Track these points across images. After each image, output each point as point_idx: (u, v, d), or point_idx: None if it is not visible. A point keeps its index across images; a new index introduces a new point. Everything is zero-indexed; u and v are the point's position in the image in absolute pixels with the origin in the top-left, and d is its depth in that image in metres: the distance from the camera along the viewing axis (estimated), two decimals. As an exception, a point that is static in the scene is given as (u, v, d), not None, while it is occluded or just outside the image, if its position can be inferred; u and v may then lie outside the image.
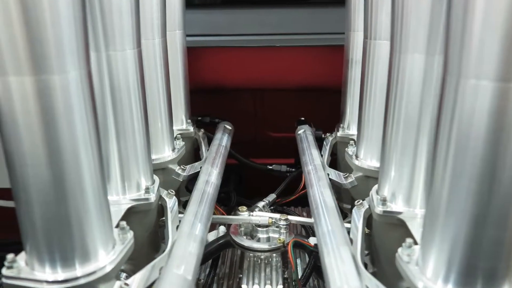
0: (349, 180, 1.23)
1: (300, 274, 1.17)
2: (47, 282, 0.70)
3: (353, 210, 1.01)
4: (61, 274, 0.70)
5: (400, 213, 0.92)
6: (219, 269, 1.30)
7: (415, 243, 0.76)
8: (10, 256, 0.70)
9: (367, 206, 1.01)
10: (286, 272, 1.20)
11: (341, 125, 1.53)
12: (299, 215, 1.41)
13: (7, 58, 0.59)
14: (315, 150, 1.41)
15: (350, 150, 1.31)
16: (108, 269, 0.73)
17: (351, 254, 0.81)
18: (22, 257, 0.73)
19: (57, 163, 0.66)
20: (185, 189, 1.41)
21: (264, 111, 2.08)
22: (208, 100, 1.95)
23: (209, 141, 1.64)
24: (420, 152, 0.89)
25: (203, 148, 1.58)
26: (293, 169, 1.76)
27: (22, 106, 0.62)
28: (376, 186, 1.01)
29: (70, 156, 0.67)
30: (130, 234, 0.81)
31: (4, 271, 0.70)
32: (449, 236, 0.64)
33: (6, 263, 0.70)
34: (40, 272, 0.71)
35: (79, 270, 0.71)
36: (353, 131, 1.50)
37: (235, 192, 1.72)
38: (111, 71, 0.93)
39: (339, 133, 1.51)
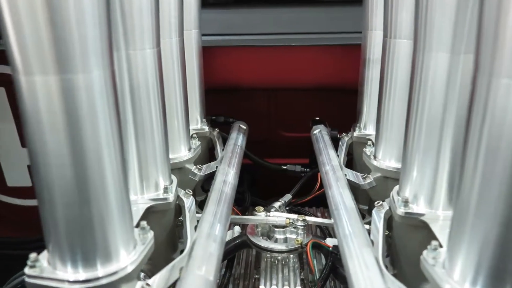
0: (368, 180, 1.22)
1: (316, 275, 1.16)
2: (69, 281, 0.69)
3: (373, 212, 0.99)
4: (83, 274, 0.70)
5: (422, 214, 0.90)
6: (234, 269, 1.29)
7: (440, 245, 0.74)
8: (33, 255, 0.70)
9: (388, 207, 0.99)
10: (302, 273, 1.19)
11: (358, 125, 1.51)
12: (314, 215, 1.40)
13: (32, 57, 0.59)
14: (332, 150, 1.40)
15: (368, 150, 1.29)
16: (130, 269, 0.73)
17: (374, 257, 0.80)
18: (44, 256, 0.73)
19: (80, 163, 0.66)
20: (201, 189, 1.41)
21: (278, 110, 2.07)
22: (221, 99, 1.94)
23: (224, 141, 1.64)
24: (444, 153, 0.88)
25: (218, 147, 1.57)
26: (307, 169, 1.75)
27: (46, 105, 0.62)
28: (396, 187, 0.99)
29: (94, 156, 0.66)
30: (150, 234, 0.81)
31: (27, 270, 0.70)
32: (478, 239, 0.63)
33: (29, 262, 0.70)
34: (62, 271, 0.70)
35: (101, 270, 0.71)
36: (369, 131, 1.48)
37: (249, 192, 1.72)
38: (131, 70, 0.93)
39: (356, 133, 1.49)
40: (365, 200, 1.43)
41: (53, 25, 0.58)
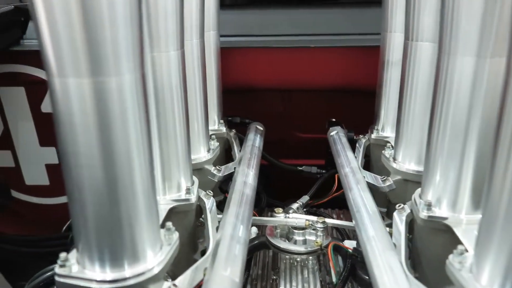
0: (387, 183, 1.22)
1: (334, 277, 1.16)
2: (97, 281, 0.70)
3: (395, 214, 0.99)
4: (110, 274, 0.71)
5: (445, 218, 0.90)
6: (251, 270, 1.30)
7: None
8: (63, 254, 0.71)
9: (409, 211, 0.99)
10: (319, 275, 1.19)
11: (375, 127, 1.51)
12: (329, 217, 1.40)
13: (67, 60, 0.60)
14: (350, 152, 1.40)
15: (387, 152, 1.29)
16: (157, 270, 0.73)
17: (399, 260, 0.80)
18: (73, 255, 0.74)
19: (111, 164, 0.67)
20: (219, 190, 1.41)
21: (292, 111, 2.08)
22: (235, 99, 1.95)
23: (240, 142, 1.65)
24: (468, 156, 0.87)
25: (235, 148, 1.58)
26: (323, 171, 1.75)
27: (79, 107, 0.63)
28: (418, 190, 0.99)
29: (123, 158, 0.67)
30: (175, 235, 0.81)
31: (57, 270, 0.71)
32: (508, 243, 0.62)
33: (59, 261, 0.71)
34: (91, 271, 0.71)
35: (128, 271, 0.71)
36: (387, 133, 1.48)
37: (265, 193, 1.72)
38: (155, 72, 0.94)
39: (373, 135, 1.49)
40: (382, 203, 1.42)
41: (87, 28, 0.59)
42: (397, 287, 0.72)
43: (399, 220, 0.96)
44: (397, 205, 1.01)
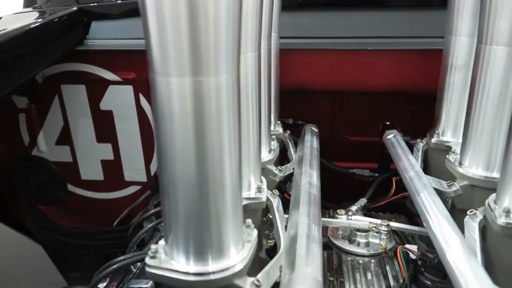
0: (453, 188, 1.20)
1: (391, 281, 1.16)
2: (182, 272, 0.72)
3: (468, 220, 0.98)
4: (194, 267, 0.73)
5: (524, 226, 0.88)
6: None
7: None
8: (154, 246, 0.74)
9: (481, 216, 0.98)
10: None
11: (435, 131, 1.49)
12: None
13: (172, 60, 0.63)
14: (411, 155, 1.38)
15: (452, 157, 1.27)
16: (239, 267, 0.74)
17: (482, 267, 0.79)
18: (161, 247, 0.76)
19: (204, 162, 0.69)
20: (277, 189, 1.43)
21: (343, 113, 2.07)
22: (286, 101, 1.96)
23: (293, 143, 1.66)
24: (550, 164, 0.85)
25: (291, 149, 1.59)
26: (376, 174, 1.74)
27: (180, 105, 0.65)
28: (493, 196, 0.97)
29: (216, 156, 0.69)
30: (255, 232, 0.83)
31: (148, 261, 0.74)
32: None
33: (150, 253, 0.74)
34: (177, 262, 0.74)
35: (213, 265, 0.73)
36: (448, 137, 1.46)
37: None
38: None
39: (433, 140, 1.47)
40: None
41: (193, 31, 0.61)
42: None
43: (473, 226, 0.95)
44: (469, 211, 1.00)
